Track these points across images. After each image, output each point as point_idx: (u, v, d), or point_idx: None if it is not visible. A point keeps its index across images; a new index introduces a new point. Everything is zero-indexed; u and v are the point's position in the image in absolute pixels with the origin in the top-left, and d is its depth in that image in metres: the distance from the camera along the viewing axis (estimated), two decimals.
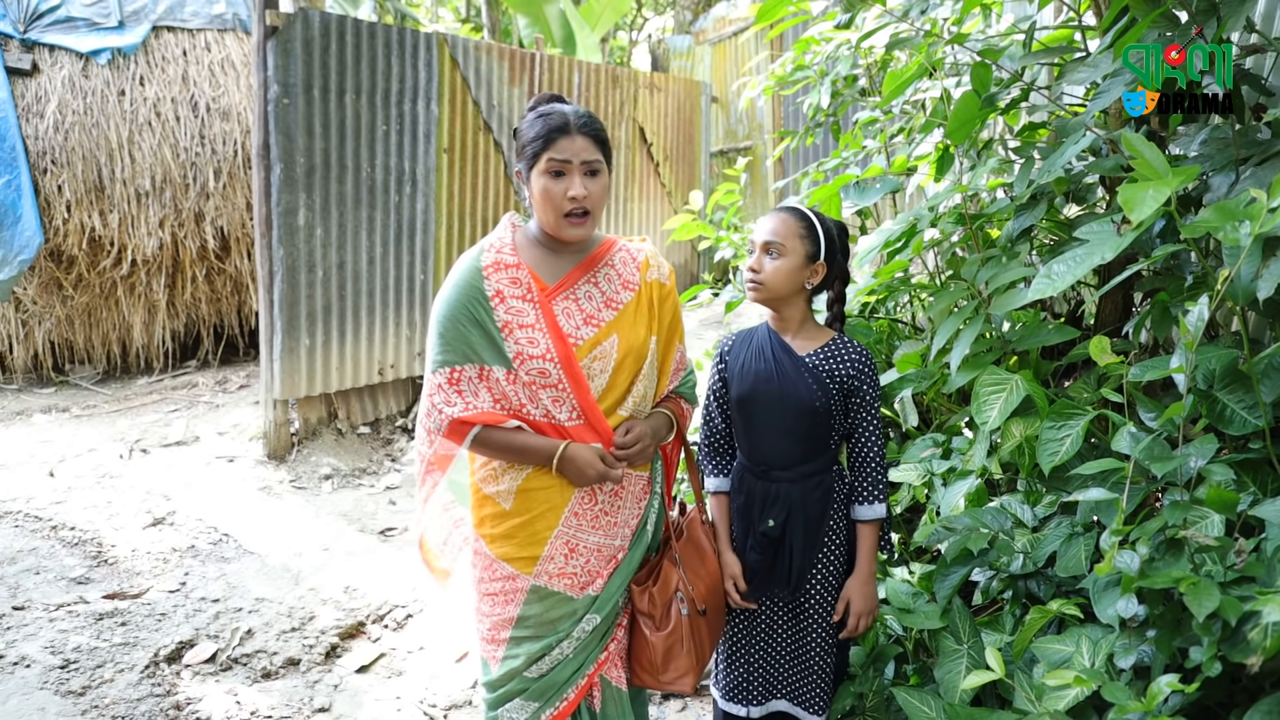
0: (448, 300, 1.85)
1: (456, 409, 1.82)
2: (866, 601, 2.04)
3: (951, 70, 3.18)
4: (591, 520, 1.92)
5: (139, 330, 6.66)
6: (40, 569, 3.82)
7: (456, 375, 1.83)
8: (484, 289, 1.83)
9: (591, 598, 1.93)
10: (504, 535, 1.91)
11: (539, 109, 1.86)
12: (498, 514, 1.92)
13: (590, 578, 1.93)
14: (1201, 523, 1.61)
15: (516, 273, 1.85)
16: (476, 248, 1.90)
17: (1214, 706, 1.61)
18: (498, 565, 1.92)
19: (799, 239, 1.98)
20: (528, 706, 1.93)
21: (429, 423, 1.87)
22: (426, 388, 1.88)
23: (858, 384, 2.01)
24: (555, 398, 1.84)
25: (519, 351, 1.82)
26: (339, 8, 9.57)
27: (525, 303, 1.84)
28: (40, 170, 6.03)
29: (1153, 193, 1.55)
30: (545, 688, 1.92)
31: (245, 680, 3.09)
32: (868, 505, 2.04)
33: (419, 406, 1.94)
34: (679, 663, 1.95)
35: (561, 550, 1.91)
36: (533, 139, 1.80)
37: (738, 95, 8.52)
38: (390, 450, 5.47)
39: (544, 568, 1.90)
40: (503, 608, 1.93)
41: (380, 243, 5.48)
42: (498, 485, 1.90)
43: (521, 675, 1.92)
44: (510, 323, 1.82)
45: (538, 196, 1.82)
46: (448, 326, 1.84)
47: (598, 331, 1.87)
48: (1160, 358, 1.93)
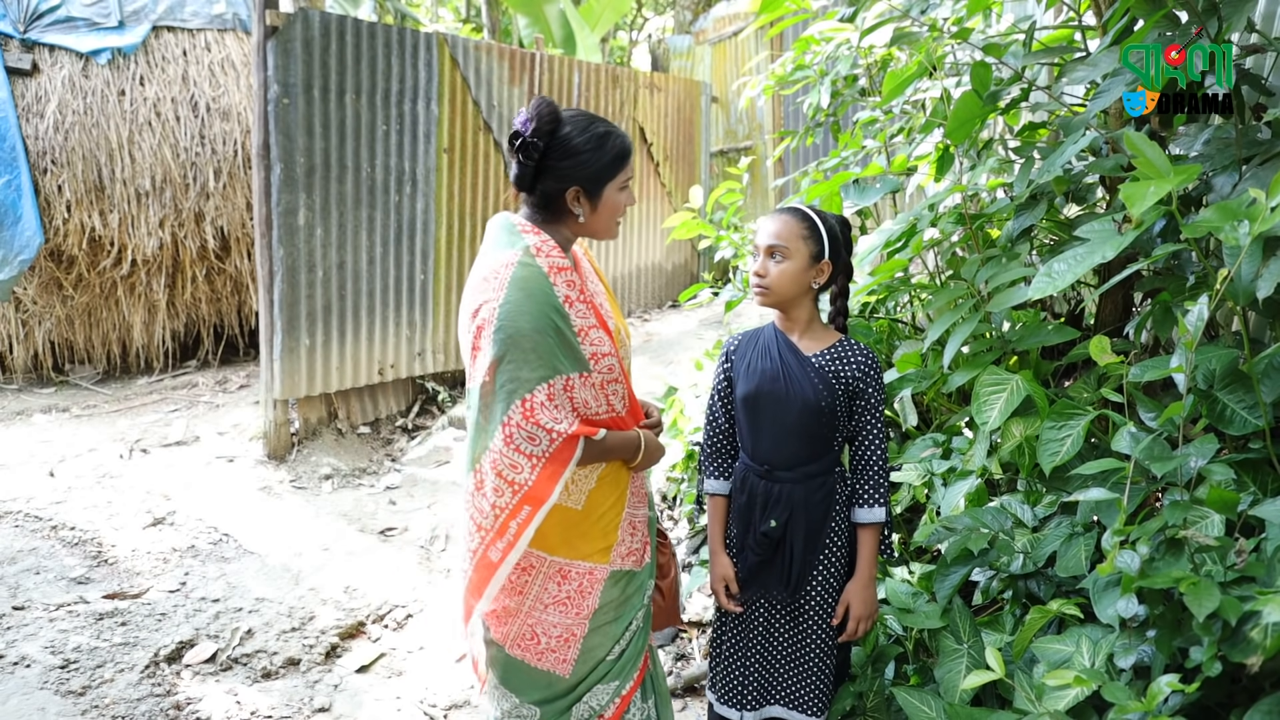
0: (529, 313, 1.74)
1: (565, 425, 1.75)
2: (865, 606, 2.04)
3: (951, 70, 3.18)
4: (639, 496, 2.03)
5: (139, 330, 6.65)
6: (40, 569, 3.82)
7: (552, 389, 1.77)
8: (555, 295, 1.78)
9: (650, 565, 2.06)
10: (577, 536, 1.91)
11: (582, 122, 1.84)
12: (565, 520, 1.87)
13: (644, 548, 2.04)
14: (1202, 523, 1.61)
15: (571, 275, 1.82)
16: (519, 251, 1.79)
17: (1214, 706, 1.61)
18: (570, 567, 1.91)
19: (802, 240, 1.98)
20: (609, 688, 1.97)
21: (533, 448, 1.74)
22: (516, 413, 1.73)
23: (863, 386, 2.01)
24: (617, 391, 1.89)
25: (594, 352, 1.83)
26: (339, 8, 9.56)
27: (583, 303, 1.84)
28: (40, 170, 6.02)
29: (1154, 190, 1.55)
30: (626, 662, 1.99)
31: (245, 680, 3.09)
32: (868, 509, 2.04)
33: (495, 432, 1.75)
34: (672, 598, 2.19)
35: (628, 531, 1.99)
36: (619, 155, 1.87)
37: (738, 95, 8.51)
38: (390, 450, 5.47)
39: (617, 552, 1.96)
40: (579, 606, 1.92)
41: (380, 243, 5.48)
42: (568, 494, 1.88)
43: (604, 660, 1.97)
44: (582, 326, 1.82)
45: (609, 207, 1.89)
46: (535, 340, 1.73)
47: (615, 322, 1.96)
48: (1160, 358, 1.93)
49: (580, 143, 1.83)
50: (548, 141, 1.81)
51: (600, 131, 1.85)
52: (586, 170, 1.83)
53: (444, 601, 3.64)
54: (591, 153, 1.83)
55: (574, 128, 1.83)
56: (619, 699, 1.98)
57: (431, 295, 5.83)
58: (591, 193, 1.85)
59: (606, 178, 1.85)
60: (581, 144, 1.83)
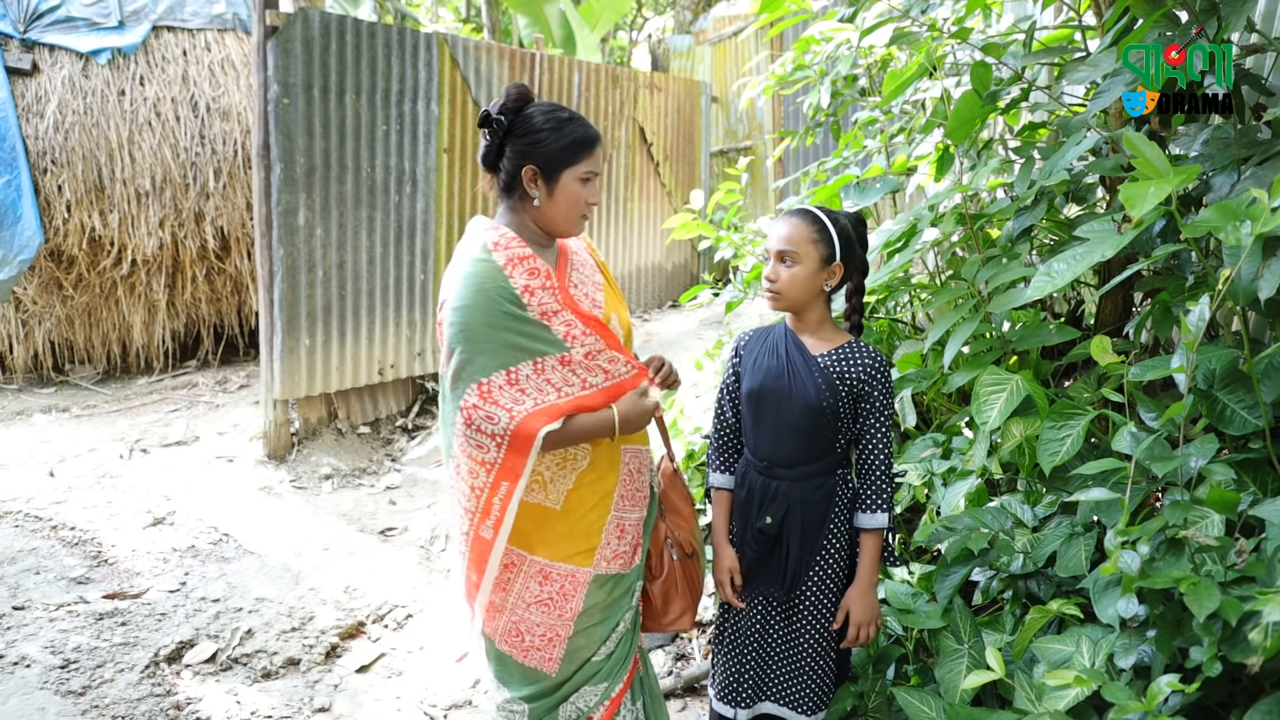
0: (475, 306, 1.80)
1: (527, 405, 1.79)
2: (866, 612, 2.03)
3: (951, 70, 3.18)
4: (630, 498, 2.01)
5: (139, 330, 6.65)
6: (40, 569, 3.82)
7: (514, 375, 1.81)
8: (511, 286, 1.82)
9: (638, 567, 2.04)
10: (559, 536, 1.91)
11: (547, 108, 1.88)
12: (546, 519, 1.90)
13: (634, 550, 2.03)
14: (1202, 523, 1.61)
15: (533, 263, 1.86)
16: (477, 249, 1.86)
17: (1214, 706, 1.61)
18: (551, 568, 1.91)
19: (812, 244, 1.97)
20: (597, 690, 1.97)
21: (492, 427, 1.78)
22: (472, 396, 1.78)
23: (868, 389, 1.99)
24: (611, 357, 1.90)
25: (566, 331, 1.85)
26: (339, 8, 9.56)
27: (547, 290, 1.85)
28: (40, 170, 6.02)
29: (1154, 190, 1.55)
30: (614, 664, 1.98)
31: (245, 680, 3.09)
32: (870, 514, 2.02)
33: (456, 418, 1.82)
34: (676, 604, 2.11)
35: (614, 534, 1.97)
36: (575, 144, 1.85)
37: (738, 95, 8.52)
38: (390, 450, 5.46)
39: (601, 555, 1.95)
40: (561, 608, 1.92)
41: (380, 242, 5.48)
42: (545, 492, 1.89)
43: (590, 661, 1.96)
44: (546, 310, 1.84)
45: (565, 197, 1.88)
46: (484, 332, 1.79)
47: (604, 311, 1.96)
48: (1161, 358, 1.93)
49: (540, 122, 1.86)
50: (511, 119, 1.87)
51: (563, 117, 1.87)
52: (542, 150, 1.85)
53: (444, 601, 3.64)
54: (549, 133, 1.85)
55: (538, 109, 1.88)
56: (608, 701, 1.98)
57: (431, 295, 5.82)
58: (548, 175, 1.86)
59: (563, 163, 1.85)
60: (541, 123, 1.86)
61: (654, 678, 2.18)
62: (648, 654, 2.21)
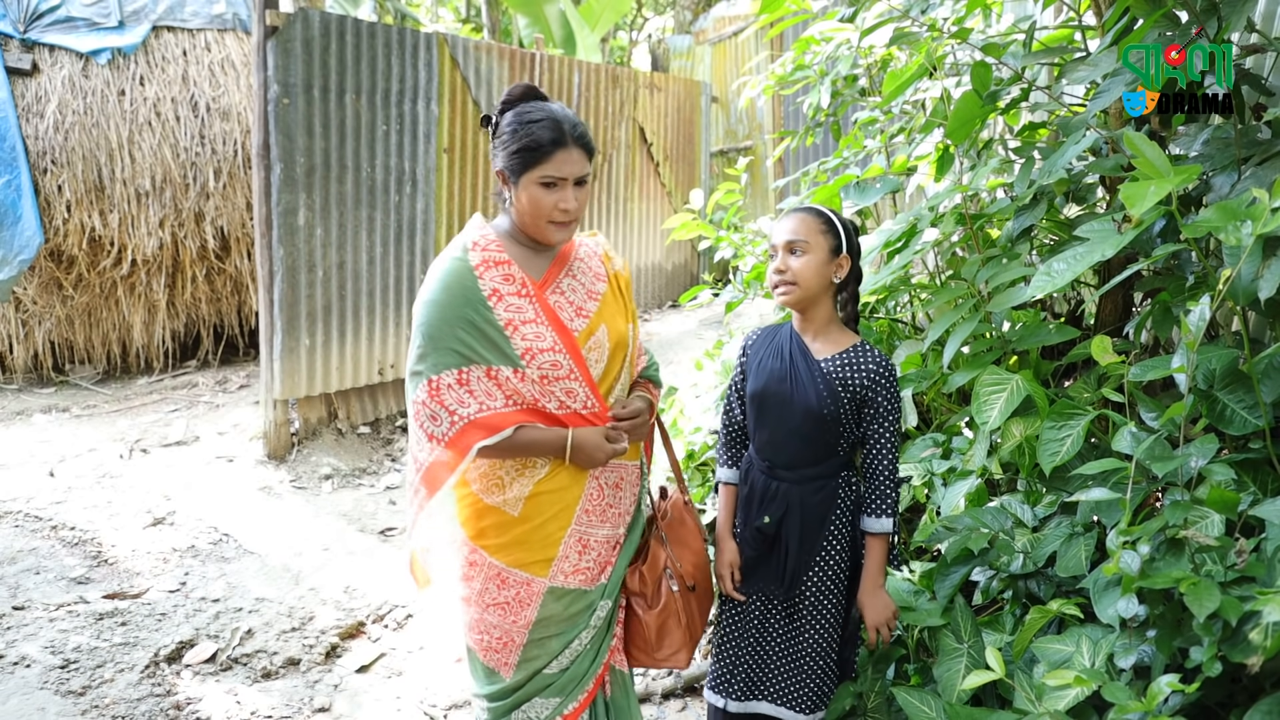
0: (439, 303, 1.79)
1: (471, 409, 1.77)
2: (878, 611, 2.01)
3: (951, 70, 3.18)
4: (600, 514, 1.94)
5: (139, 330, 6.65)
6: (40, 569, 3.82)
7: (465, 375, 1.78)
8: (479, 289, 1.80)
9: (604, 586, 1.97)
10: (514, 542, 1.88)
11: (523, 109, 1.82)
12: (504, 522, 1.88)
13: (601, 568, 1.96)
14: (1202, 523, 1.61)
15: (509, 269, 1.83)
16: (455, 248, 1.85)
17: (1214, 706, 1.61)
18: (508, 573, 1.89)
19: (820, 234, 1.97)
20: (549, 703, 1.94)
21: (434, 428, 1.78)
22: (422, 392, 1.79)
23: (872, 394, 1.98)
24: (568, 389, 1.84)
25: (527, 348, 1.80)
26: (339, 8, 9.57)
27: (522, 299, 1.82)
28: (40, 170, 6.02)
29: (1154, 190, 1.55)
30: (568, 681, 1.94)
31: (245, 680, 3.09)
32: (874, 519, 2.01)
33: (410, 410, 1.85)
34: (672, 639, 2.02)
35: (575, 548, 1.92)
36: (526, 148, 1.77)
37: (738, 95, 8.51)
38: (390, 450, 5.46)
39: (559, 568, 1.90)
40: (516, 614, 1.90)
41: (380, 243, 5.48)
42: (504, 494, 1.87)
43: (542, 673, 1.93)
44: (513, 320, 1.80)
45: (526, 204, 1.80)
46: (443, 330, 1.78)
47: (589, 323, 1.89)
48: (1161, 358, 1.93)
49: (505, 125, 1.83)
50: (496, 120, 1.86)
51: (525, 120, 1.79)
52: (502, 154, 1.83)
53: (444, 602, 3.63)
54: (508, 136, 1.81)
55: (515, 111, 1.83)
56: (559, 718, 1.94)
57: None
58: (513, 179, 1.82)
59: (517, 167, 1.79)
60: (505, 126, 1.83)
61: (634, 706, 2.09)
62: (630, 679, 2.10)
